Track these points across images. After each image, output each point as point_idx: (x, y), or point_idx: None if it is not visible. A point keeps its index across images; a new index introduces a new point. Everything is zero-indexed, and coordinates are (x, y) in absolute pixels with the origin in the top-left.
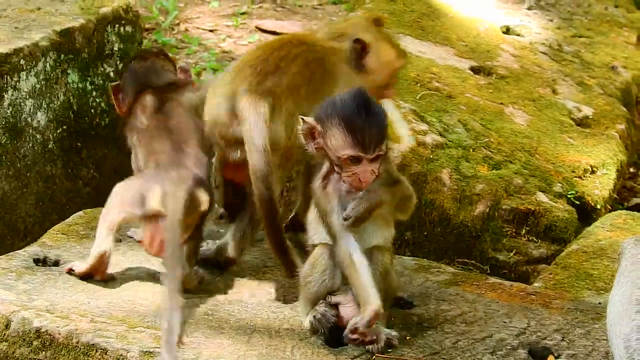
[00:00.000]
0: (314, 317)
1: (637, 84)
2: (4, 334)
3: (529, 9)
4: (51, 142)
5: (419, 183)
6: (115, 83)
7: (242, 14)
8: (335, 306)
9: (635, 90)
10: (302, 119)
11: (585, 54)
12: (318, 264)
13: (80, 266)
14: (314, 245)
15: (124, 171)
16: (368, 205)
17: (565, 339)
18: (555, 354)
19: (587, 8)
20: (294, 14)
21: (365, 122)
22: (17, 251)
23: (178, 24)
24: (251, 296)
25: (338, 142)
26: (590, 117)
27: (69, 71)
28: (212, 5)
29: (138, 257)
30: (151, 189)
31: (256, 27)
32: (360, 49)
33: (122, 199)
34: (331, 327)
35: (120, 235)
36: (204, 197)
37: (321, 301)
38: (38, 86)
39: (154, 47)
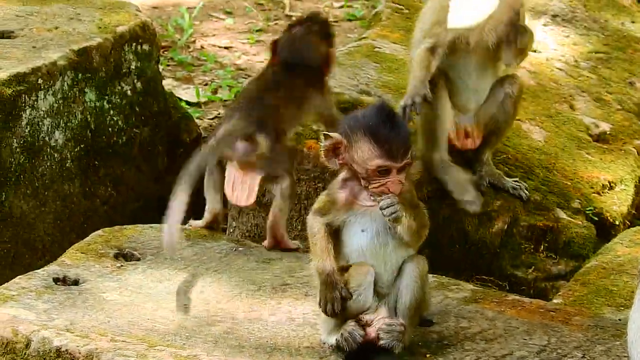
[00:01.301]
0: (342, 335)
1: None
2: (25, 354)
3: (545, 25)
4: (69, 161)
5: (437, 199)
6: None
7: (258, 31)
8: (363, 326)
9: None
10: (325, 134)
11: (602, 69)
12: (352, 281)
13: (197, 223)
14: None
15: (142, 189)
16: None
17: (585, 356)
18: None
19: (603, 24)
20: None
21: (391, 132)
22: (37, 270)
23: (194, 42)
24: (271, 314)
25: (366, 154)
26: (608, 132)
27: (86, 90)
28: (228, 22)
29: (157, 276)
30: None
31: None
32: None
33: None
34: (357, 346)
35: (140, 254)
36: (262, 141)
37: (351, 320)
38: (56, 105)
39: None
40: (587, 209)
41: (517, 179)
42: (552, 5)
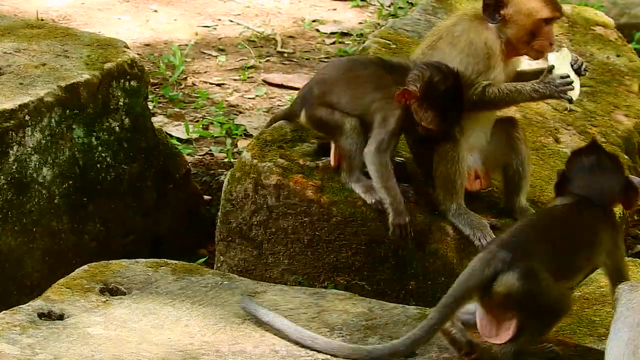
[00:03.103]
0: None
1: (639, 132)
2: None
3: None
4: (57, 197)
5: (423, 233)
6: None
7: (249, 67)
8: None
9: (637, 138)
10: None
11: (587, 103)
12: None
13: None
14: None
15: (131, 225)
16: None
17: None
18: None
19: (589, 57)
20: (301, 67)
21: None
22: (21, 306)
23: (185, 79)
24: (255, 347)
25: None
26: None
27: (74, 126)
28: (219, 59)
29: (142, 310)
30: None
31: (263, 81)
32: (493, 5)
33: None
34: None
35: (126, 289)
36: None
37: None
38: (43, 142)
39: None
40: None
41: None
42: None
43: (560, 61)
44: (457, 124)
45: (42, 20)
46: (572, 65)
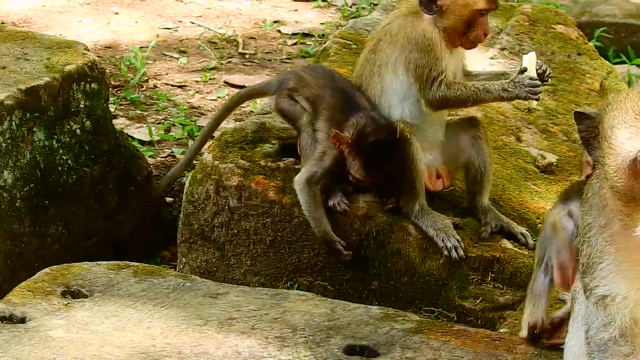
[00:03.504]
0: None
1: None
2: None
3: (492, 58)
4: (18, 201)
5: (385, 233)
6: None
7: (211, 69)
8: None
9: None
10: None
11: (548, 101)
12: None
13: None
14: None
15: (93, 227)
16: None
17: None
18: None
19: (550, 56)
20: (263, 68)
21: None
22: None
23: (147, 81)
24: (217, 348)
25: None
26: (555, 164)
27: (35, 129)
28: (181, 61)
29: (104, 313)
30: None
31: (225, 82)
32: None
33: None
34: None
35: (88, 292)
36: None
37: None
38: (4, 145)
39: None
40: (534, 239)
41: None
42: (500, 39)
43: (530, 64)
44: (384, 179)
45: (2, 23)
46: (536, 70)
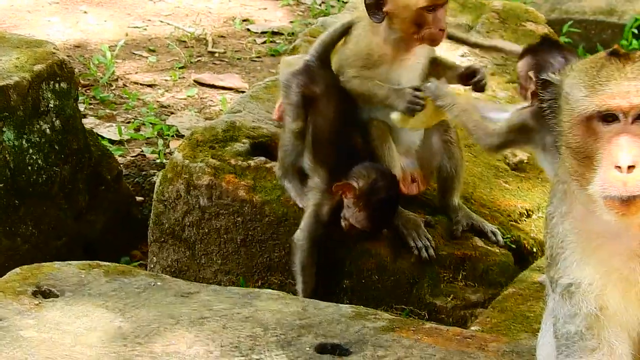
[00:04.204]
0: None
1: None
2: None
3: (462, 55)
4: None
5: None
6: None
7: (180, 68)
8: None
9: None
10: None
11: (519, 99)
12: None
13: None
14: None
15: (63, 227)
16: None
17: None
18: None
19: None
20: (232, 67)
21: None
22: None
23: (116, 80)
24: (189, 347)
25: None
26: (525, 161)
27: (4, 129)
28: (150, 60)
29: (75, 312)
30: None
31: (194, 81)
32: (375, 4)
33: None
34: None
35: (59, 291)
36: None
37: None
38: None
39: None
40: (505, 237)
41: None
42: (470, 36)
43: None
44: (382, 231)
45: None
46: (473, 80)
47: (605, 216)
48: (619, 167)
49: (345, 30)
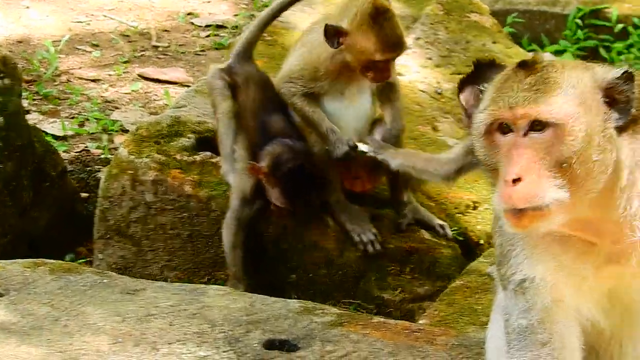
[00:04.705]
0: None
1: None
2: None
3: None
4: None
5: (302, 225)
6: None
7: (124, 62)
8: None
9: None
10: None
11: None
12: None
13: None
14: None
15: (7, 224)
16: None
17: None
18: None
19: (465, 45)
20: (177, 61)
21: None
22: None
23: (59, 75)
24: (135, 345)
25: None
26: None
27: None
28: (94, 55)
29: (20, 311)
30: None
31: (138, 75)
32: (334, 33)
33: None
34: None
35: (3, 290)
36: None
37: None
38: None
39: None
40: (452, 229)
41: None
42: (415, 28)
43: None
44: (307, 205)
45: None
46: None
47: (506, 227)
48: (506, 180)
49: (264, 27)
